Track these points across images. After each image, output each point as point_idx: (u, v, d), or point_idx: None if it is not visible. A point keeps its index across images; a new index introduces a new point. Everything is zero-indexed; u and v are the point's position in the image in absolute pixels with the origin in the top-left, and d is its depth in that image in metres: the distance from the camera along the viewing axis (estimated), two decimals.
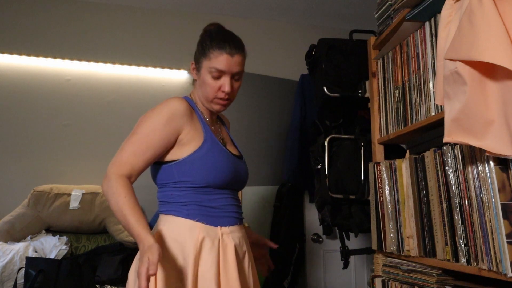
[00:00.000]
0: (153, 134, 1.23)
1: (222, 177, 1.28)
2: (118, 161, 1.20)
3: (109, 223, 2.32)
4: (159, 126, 1.23)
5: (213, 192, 1.28)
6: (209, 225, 1.24)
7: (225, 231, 1.27)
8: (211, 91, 1.31)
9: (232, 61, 1.29)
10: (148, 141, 1.22)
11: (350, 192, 1.97)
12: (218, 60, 1.28)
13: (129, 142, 1.23)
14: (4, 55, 2.65)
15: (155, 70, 2.86)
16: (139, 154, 1.21)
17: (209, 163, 1.26)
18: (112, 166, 1.19)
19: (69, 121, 2.70)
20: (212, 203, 1.27)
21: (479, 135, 0.91)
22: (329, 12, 3.04)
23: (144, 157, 1.22)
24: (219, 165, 1.27)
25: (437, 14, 1.32)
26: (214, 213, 1.27)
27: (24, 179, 2.55)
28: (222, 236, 1.25)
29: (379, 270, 1.60)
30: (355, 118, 2.16)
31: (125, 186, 1.17)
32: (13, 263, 2.00)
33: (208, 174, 1.25)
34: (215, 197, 1.28)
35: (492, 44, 0.84)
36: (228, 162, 1.31)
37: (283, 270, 2.58)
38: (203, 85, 1.32)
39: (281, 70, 3.05)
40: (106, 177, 1.18)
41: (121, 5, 2.93)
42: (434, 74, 1.35)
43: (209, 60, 1.30)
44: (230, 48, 1.29)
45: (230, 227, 1.29)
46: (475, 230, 1.06)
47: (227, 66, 1.29)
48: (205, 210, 1.26)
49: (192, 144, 1.27)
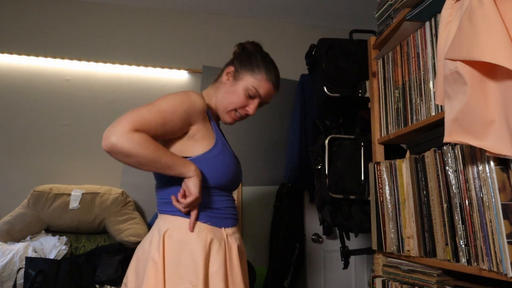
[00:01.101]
0: (171, 113, 1.18)
1: (230, 179, 1.30)
2: (131, 119, 1.11)
3: (109, 223, 2.32)
4: (180, 110, 1.19)
5: (218, 194, 1.29)
6: (214, 227, 1.26)
7: (228, 232, 1.30)
8: (236, 104, 1.34)
9: (272, 93, 1.39)
10: (165, 117, 1.16)
11: (350, 192, 1.97)
12: (263, 85, 1.36)
13: (144, 109, 1.15)
14: (4, 55, 2.65)
15: (155, 70, 2.86)
16: (154, 124, 1.14)
17: (220, 165, 1.27)
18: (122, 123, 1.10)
19: (69, 121, 2.70)
20: (217, 205, 1.28)
21: (480, 135, 0.90)
22: (329, 12, 3.03)
23: (157, 130, 1.15)
24: (229, 167, 1.29)
25: (437, 14, 1.32)
26: (219, 214, 1.28)
27: (24, 179, 2.55)
28: (227, 238, 1.28)
29: (379, 270, 1.60)
30: (355, 118, 2.16)
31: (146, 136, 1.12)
32: (13, 263, 2.00)
33: (218, 176, 1.27)
34: (220, 198, 1.29)
35: (492, 44, 0.84)
36: (236, 164, 1.34)
37: (283, 270, 2.58)
38: (232, 94, 1.35)
39: (281, 70, 3.00)
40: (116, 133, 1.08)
41: (121, 5, 2.93)
42: (434, 74, 1.34)
43: (254, 79, 1.35)
44: (277, 82, 1.40)
45: (232, 228, 1.32)
46: (475, 230, 1.06)
47: (266, 95, 1.37)
48: (210, 212, 1.27)
49: (205, 142, 1.26)
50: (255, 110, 1.36)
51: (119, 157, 1.11)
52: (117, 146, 1.08)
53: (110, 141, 1.08)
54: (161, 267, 1.16)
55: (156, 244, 1.20)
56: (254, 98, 1.35)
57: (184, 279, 1.15)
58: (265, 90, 1.36)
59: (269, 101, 1.40)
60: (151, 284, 1.14)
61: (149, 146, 1.11)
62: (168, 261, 1.18)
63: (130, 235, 2.24)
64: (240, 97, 1.34)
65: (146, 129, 1.13)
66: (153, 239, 1.23)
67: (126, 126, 1.09)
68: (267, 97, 1.38)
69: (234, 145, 1.54)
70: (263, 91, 1.35)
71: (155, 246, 1.20)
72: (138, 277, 1.21)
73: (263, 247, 2.75)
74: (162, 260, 1.17)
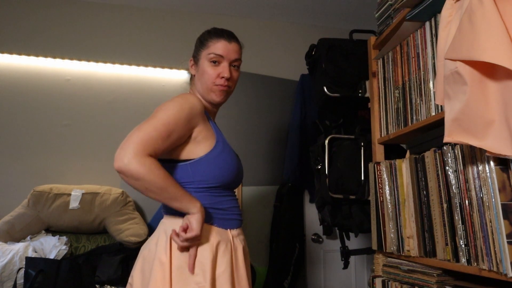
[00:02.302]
0: (175, 124, 1.18)
1: (233, 177, 1.31)
2: (141, 141, 1.11)
3: (109, 223, 2.32)
4: (182, 118, 1.20)
5: (223, 193, 1.30)
6: (221, 228, 1.27)
7: (234, 234, 1.30)
8: (210, 78, 1.33)
9: (230, 47, 1.35)
10: (170, 129, 1.17)
11: (350, 192, 1.97)
12: (216, 46, 1.34)
13: (149, 126, 1.15)
14: (4, 55, 2.65)
15: (155, 70, 2.86)
16: (161, 140, 1.15)
17: (223, 163, 1.28)
18: (136, 145, 1.10)
19: (69, 121, 2.70)
20: (223, 205, 1.29)
21: (480, 135, 0.90)
22: (329, 12, 3.03)
23: (165, 144, 1.16)
24: (232, 164, 1.30)
25: (437, 14, 1.32)
26: (224, 215, 1.29)
27: (24, 179, 2.55)
28: (233, 239, 1.28)
29: (379, 270, 1.60)
30: (355, 118, 2.16)
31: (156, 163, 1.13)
32: (13, 263, 2.00)
33: (222, 174, 1.27)
34: (225, 198, 1.30)
35: (492, 44, 0.84)
36: (237, 162, 1.35)
37: (283, 270, 2.58)
38: (202, 75, 1.35)
39: (281, 70, 3.04)
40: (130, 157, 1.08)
41: (121, 5, 2.93)
42: (434, 74, 1.34)
43: (207, 48, 1.35)
44: (227, 36, 1.36)
45: (237, 230, 1.33)
46: (475, 230, 1.06)
47: (225, 51, 1.33)
48: (217, 213, 1.27)
49: (207, 143, 1.27)
50: (228, 71, 1.33)
51: (129, 179, 1.11)
52: (129, 168, 1.08)
53: (123, 163, 1.08)
54: (168, 268, 1.16)
55: (163, 245, 1.20)
56: (220, 62, 1.34)
57: (191, 281, 1.16)
58: (221, 47, 1.33)
59: (238, 57, 1.36)
60: (158, 285, 1.14)
61: (160, 174, 1.12)
62: (175, 262, 1.18)
63: (130, 235, 2.24)
64: (208, 70, 1.33)
65: (155, 147, 1.14)
66: (160, 240, 1.22)
67: (139, 149, 1.10)
68: (230, 53, 1.34)
69: (234, 145, 1.54)
70: (221, 49, 1.33)
71: (162, 247, 1.20)
72: (144, 277, 1.21)
73: (263, 247, 2.75)
74: (169, 261, 1.17)
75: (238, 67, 1.39)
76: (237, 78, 1.40)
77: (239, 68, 1.40)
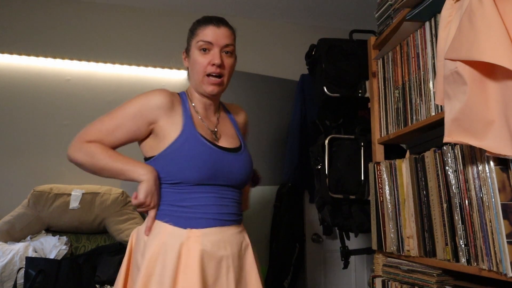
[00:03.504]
0: (121, 117, 1.25)
1: (197, 173, 1.20)
2: (84, 132, 1.25)
3: (109, 223, 2.32)
4: (130, 112, 1.25)
5: (189, 190, 1.21)
6: (177, 227, 1.19)
7: (194, 234, 1.19)
8: (200, 68, 1.28)
9: (219, 31, 1.28)
10: (117, 122, 1.25)
11: (350, 192, 1.97)
12: (204, 32, 1.28)
13: (98, 119, 1.27)
14: (4, 55, 2.65)
15: (155, 70, 2.86)
16: (105, 134, 1.24)
17: (182, 158, 1.20)
18: (77, 137, 1.25)
19: (69, 121, 2.70)
20: (185, 202, 1.21)
21: (479, 135, 0.91)
22: (329, 12, 3.03)
23: (112, 136, 1.24)
24: (194, 159, 1.20)
25: (437, 14, 1.32)
26: (184, 213, 1.20)
27: (24, 179, 2.55)
28: (189, 240, 1.17)
29: (379, 270, 1.60)
30: (355, 118, 2.16)
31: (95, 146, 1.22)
32: (13, 263, 2.00)
33: (181, 170, 1.20)
34: (191, 196, 1.21)
35: (492, 44, 0.84)
36: (206, 155, 1.23)
37: (283, 270, 2.58)
38: (194, 65, 1.30)
39: (281, 70, 3.04)
40: (71, 146, 1.24)
41: (121, 5, 2.93)
42: (434, 74, 1.34)
43: (196, 36, 1.30)
44: (216, 22, 1.30)
45: (203, 230, 1.20)
46: (475, 230, 1.06)
47: (213, 36, 1.27)
48: (175, 211, 1.21)
49: (167, 138, 1.23)
50: (219, 57, 1.26)
51: (78, 166, 1.26)
52: (70, 157, 1.25)
53: (68, 153, 1.25)
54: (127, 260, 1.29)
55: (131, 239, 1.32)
56: (210, 49, 1.27)
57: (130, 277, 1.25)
58: (210, 33, 1.27)
59: (229, 42, 1.29)
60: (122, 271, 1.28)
61: (97, 155, 1.21)
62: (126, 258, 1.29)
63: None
64: (198, 59, 1.28)
65: (99, 137, 1.23)
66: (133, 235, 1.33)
67: (78, 139, 1.24)
68: (220, 38, 1.27)
69: None
70: (209, 36, 1.27)
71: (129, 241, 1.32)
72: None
73: (263, 247, 2.75)
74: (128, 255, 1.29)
75: (231, 53, 1.31)
76: (231, 65, 1.31)
77: (232, 54, 1.32)
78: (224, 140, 1.33)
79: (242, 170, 1.31)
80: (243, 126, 1.49)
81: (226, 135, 1.35)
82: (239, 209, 1.32)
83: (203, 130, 1.29)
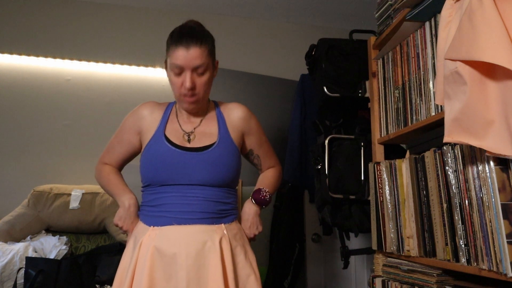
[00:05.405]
0: (119, 135, 1.43)
1: (157, 174, 1.29)
2: (101, 155, 1.48)
3: (109, 223, 2.32)
4: (124, 127, 1.42)
5: (156, 191, 1.30)
6: (145, 225, 1.29)
7: (154, 231, 1.25)
8: (175, 89, 1.31)
9: (188, 54, 1.24)
10: (116, 141, 1.44)
11: (350, 192, 1.97)
12: (175, 55, 1.26)
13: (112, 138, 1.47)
14: (4, 55, 2.65)
15: (155, 70, 2.86)
16: (111, 152, 1.45)
17: (147, 161, 1.32)
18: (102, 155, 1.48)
19: (69, 121, 2.70)
20: (153, 203, 1.30)
21: (479, 135, 0.91)
22: (329, 12, 3.03)
23: (114, 155, 1.44)
24: (153, 161, 1.30)
25: (437, 14, 1.32)
26: (151, 212, 1.30)
27: (24, 179, 2.55)
28: (147, 237, 1.25)
29: (379, 270, 1.60)
30: (355, 118, 2.16)
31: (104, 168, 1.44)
32: (13, 263, 2.00)
33: (146, 172, 1.32)
34: (157, 196, 1.29)
35: (492, 44, 0.84)
36: (163, 156, 1.28)
37: (283, 270, 2.58)
38: (170, 83, 1.33)
39: (281, 70, 3.04)
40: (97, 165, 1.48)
41: (121, 5, 2.93)
42: (434, 74, 1.35)
43: (169, 56, 1.30)
44: (186, 42, 1.25)
45: (162, 227, 1.24)
46: (475, 230, 1.06)
47: (183, 60, 1.24)
48: (147, 210, 1.32)
49: (144, 145, 1.36)
50: (189, 81, 1.25)
51: None
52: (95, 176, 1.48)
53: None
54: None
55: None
56: (181, 72, 1.26)
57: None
58: (180, 58, 1.25)
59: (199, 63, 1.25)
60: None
61: (101, 178, 1.44)
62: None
63: None
64: (173, 81, 1.29)
65: (107, 156, 1.45)
66: None
67: (99, 159, 1.48)
68: (189, 61, 1.24)
69: None
70: (179, 59, 1.25)
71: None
72: None
73: (263, 247, 2.75)
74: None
75: (203, 71, 1.28)
76: (204, 83, 1.30)
77: (205, 71, 1.29)
78: (197, 140, 1.33)
79: (207, 168, 1.29)
80: (238, 122, 1.42)
81: (202, 135, 1.35)
82: (211, 207, 1.28)
83: (173, 134, 1.33)
